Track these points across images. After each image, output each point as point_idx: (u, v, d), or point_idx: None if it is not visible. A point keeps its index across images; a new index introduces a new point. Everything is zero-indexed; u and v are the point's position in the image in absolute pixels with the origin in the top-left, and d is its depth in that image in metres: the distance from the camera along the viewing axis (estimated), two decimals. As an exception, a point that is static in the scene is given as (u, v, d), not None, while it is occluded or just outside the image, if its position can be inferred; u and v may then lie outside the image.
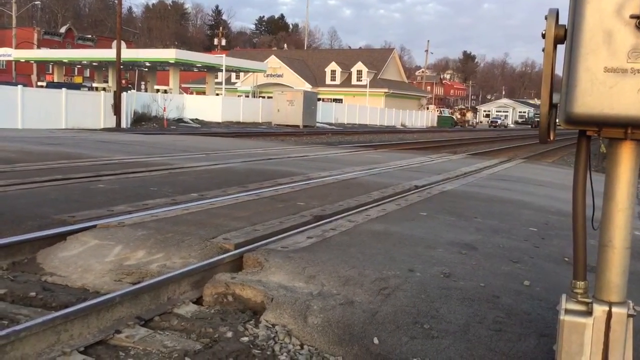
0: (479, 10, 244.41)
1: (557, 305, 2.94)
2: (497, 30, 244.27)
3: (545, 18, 2.77)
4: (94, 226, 5.18)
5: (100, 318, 3.42)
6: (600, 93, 2.44)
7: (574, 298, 2.85)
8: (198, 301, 4.11)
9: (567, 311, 2.83)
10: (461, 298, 3.98)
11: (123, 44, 31.12)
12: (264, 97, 51.92)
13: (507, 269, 4.81)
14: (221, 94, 47.33)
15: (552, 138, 3.04)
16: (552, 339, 3.50)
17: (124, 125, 28.04)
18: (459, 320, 3.65)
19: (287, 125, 39.23)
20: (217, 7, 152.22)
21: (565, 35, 2.59)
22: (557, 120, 2.88)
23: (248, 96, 55.01)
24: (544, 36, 2.76)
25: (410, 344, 3.39)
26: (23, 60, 54.59)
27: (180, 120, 34.82)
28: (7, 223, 5.22)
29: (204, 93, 52.32)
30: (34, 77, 58.76)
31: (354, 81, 71.57)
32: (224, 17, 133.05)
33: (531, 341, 3.47)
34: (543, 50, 2.83)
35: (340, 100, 64.84)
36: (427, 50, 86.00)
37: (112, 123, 27.42)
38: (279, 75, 69.45)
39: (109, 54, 44.39)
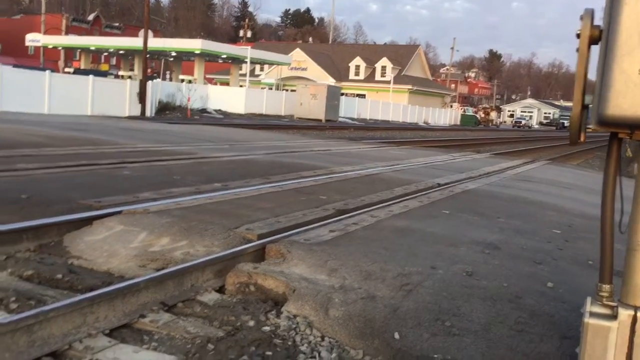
0: (507, 9, 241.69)
1: (582, 308, 2.92)
2: (525, 29, 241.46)
3: (581, 18, 2.75)
4: (120, 212, 5.25)
5: (126, 302, 3.48)
6: (634, 95, 2.42)
7: (599, 301, 2.83)
8: (220, 289, 4.15)
9: (592, 314, 2.81)
10: (483, 297, 3.97)
11: (150, 33, 31.38)
12: (287, 90, 51.95)
13: (530, 269, 4.78)
14: (245, 86, 47.48)
15: (582, 139, 3.01)
16: (574, 341, 3.48)
17: (148, 113, 28.28)
18: (480, 319, 3.65)
19: (309, 119, 39.24)
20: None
21: (600, 36, 2.57)
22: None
23: (271, 89, 55.12)
24: (578, 36, 2.74)
25: (431, 340, 3.39)
26: (51, 46, 55.22)
27: (203, 110, 35.03)
28: (35, 206, 5.31)
29: (227, 84, 52.52)
30: (61, 63, 59.44)
31: (377, 77, 71.28)
32: (250, 9, 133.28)
33: (553, 343, 3.45)
34: (577, 50, 2.80)
35: (363, 96, 64.61)
36: (452, 48, 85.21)
37: (136, 111, 27.67)
38: (303, 69, 69.43)
39: (135, 42, 44.71)
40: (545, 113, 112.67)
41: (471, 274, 4.43)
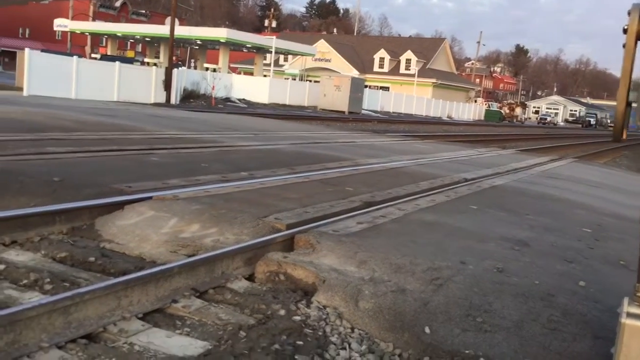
0: (535, 3, 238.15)
1: (618, 308, 2.88)
2: (553, 25, 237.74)
3: (629, 13, 2.70)
4: (150, 197, 5.29)
5: (159, 287, 3.51)
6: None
7: (637, 302, 2.78)
8: (250, 278, 4.17)
9: (629, 315, 2.77)
10: (515, 294, 3.93)
11: (176, 21, 31.43)
12: (310, 81, 51.84)
13: (561, 268, 4.72)
14: (269, 76, 47.48)
15: (624, 137, 2.96)
16: (608, 341, 3.43)
17: (173, 101, 28.41)
18: (512, 316, 3.61)
19: (332, 111, 39.14)
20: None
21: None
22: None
23: (295, 79, 55.05)
24: (625, 31, 2.68)
25: (462, 336, 3.37)
26: (78, 32, 55.68)
27: (227, 99, 35.11)
28: (67, 189, 5.37)
29: (251, 74, 52.53)
30: (87, 49, 59.94)
31: (402, 70, 70.81)
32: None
33: (586, 342, 3.41)
34: (624, 46, 2.75)
35: (387, 88, 64.21)
36: (479, 42, 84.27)
37: (161, 98, 27.82)
38: (327, 60, 69.21)
39: (162, 30, 44.91)
40: (571, 110, 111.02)
41: (502, 271, 4.39)
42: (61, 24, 54.47)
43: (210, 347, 3.04)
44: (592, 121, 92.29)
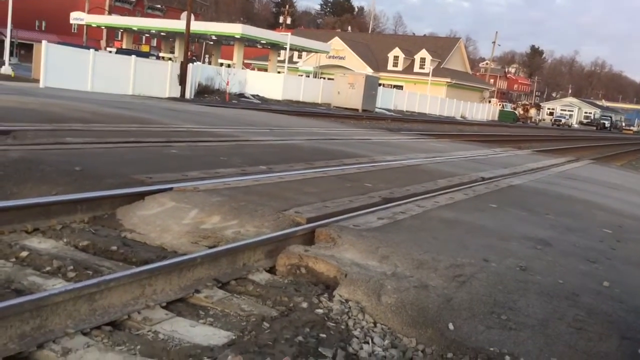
0: (552, 5, 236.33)
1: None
2: (569, 27, 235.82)
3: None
4: (171, 189, 5.29)
5: (182, 277, 3.50)
6: None
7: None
8: (271, 270, 4.15)
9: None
10: (539, 292, 3.89)
11: (192, 16, 31.48)
12: (324, 78, 51.83)
13: (584, 268, 4.67)
14: (283, 72, 47.50)
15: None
16: (634, 342, 3.39)
17: (187, 95, 28.49)
18: (537, 314, 3.57)
19: (346, 108, 39.06)
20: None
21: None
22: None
23: (309, 76, 55.03)
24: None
25: (486, 333, 3.33)
26: (94, 25, 56.03)
27: (241, 95, 35.15)
28: (88, 179, 5.38)
29: (265, 70, 52.62)
30: (102, 43, 60.36)
31: (416, 68, 70.55)
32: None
33: (613, 342, 3.36)
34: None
35: (400, 87, 64.02)
36: (494, 42, 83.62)
37: (176, 93, 27.89)
38: (341, 58, 69.10)
39: (178, 25, 45.09)
40: (585, 112, 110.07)
41: (525, 269, 4.34)
42: (77, 17, 54.83)
43: (234, 337, 3.03)
44: (607, 124, 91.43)
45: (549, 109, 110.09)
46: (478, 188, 8.19)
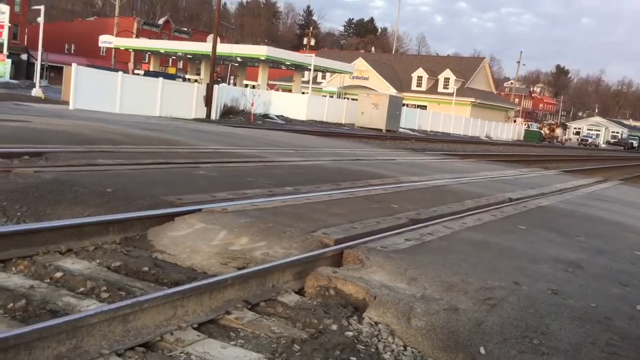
0: (576, 24, 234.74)
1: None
2: (594, 46, 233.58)
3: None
4: (200, 210, 5.35)
5: (213, 298, 3.53)
6: None
7: None
8: (299, 292, 4.17)
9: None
10: (571, 317, 3.83)
11: (217, 39, 31.95)
12: (348, 99, 52.03)
13: (617, 291, 4.59)
14: (307, 93, 47.83)
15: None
16: (672, 369, 3.32)
17: (213, 117, 28.84)
18: (570, 339, 3.52)
19: (369, 128, 39.13)
20: (308, 7, 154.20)
21: None
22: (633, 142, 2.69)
23: (333, 97, 55.29)
24: None
25: (518, 357, 3.29)
26: (122, 48, 57.21)
27: (266, 115, 35.45)
28: (119, 200, 5.47)
29: (289, 90, 53.01)
30: (130, 65, 61.41)
31: (440, 88, 70.49)
32: (315, 17, 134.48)
33: (649, 369, 3.30)
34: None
35: (424, 107, 63.98)
36: (519, 62, 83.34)
37: (202, 114, 28.26)
38: (364, 78, 69.38)
39: (203, 47, 45.82)
40: (612, 132, 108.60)
41: (556, 292, 4.29)
42: (106, 41, 56.04)
43: (265, 359, 3.04)
44: (635, 143, 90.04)
45: (575, 128, 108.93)
46: (506, 209, 8.13)
